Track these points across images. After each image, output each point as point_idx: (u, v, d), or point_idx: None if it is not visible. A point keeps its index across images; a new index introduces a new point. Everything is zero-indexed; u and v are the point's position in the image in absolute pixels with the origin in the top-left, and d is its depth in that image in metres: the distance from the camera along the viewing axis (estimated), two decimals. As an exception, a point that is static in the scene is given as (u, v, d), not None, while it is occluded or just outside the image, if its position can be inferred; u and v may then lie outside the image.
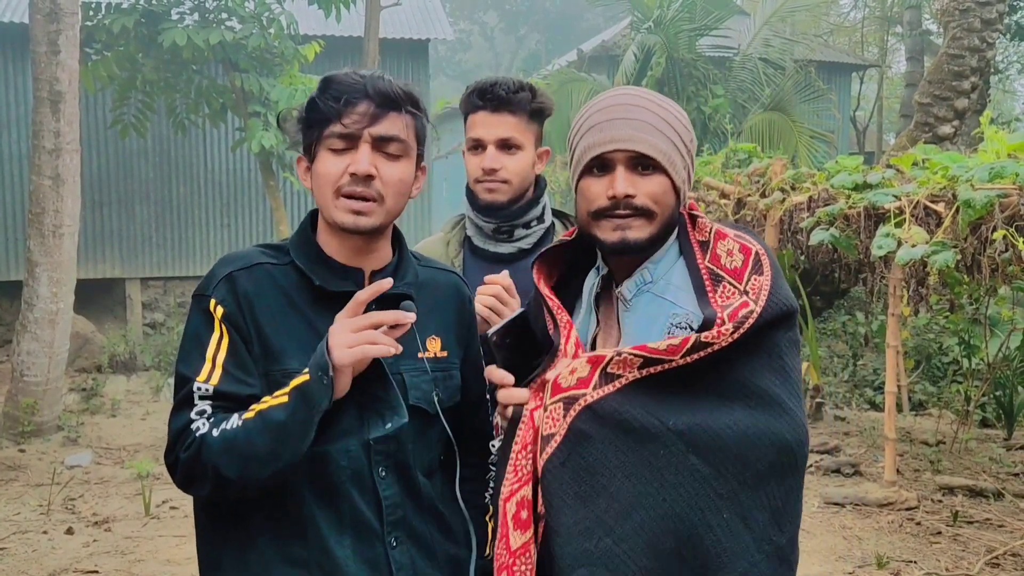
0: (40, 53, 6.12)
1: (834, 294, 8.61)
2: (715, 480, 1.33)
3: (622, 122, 1.42)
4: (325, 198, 1.40)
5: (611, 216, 1.42)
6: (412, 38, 11.78)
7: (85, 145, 8.54)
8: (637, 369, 1.37)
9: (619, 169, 1.42)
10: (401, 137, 1.41)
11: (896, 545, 4.31)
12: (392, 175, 1.40)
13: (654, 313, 1.46)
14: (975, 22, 7.98)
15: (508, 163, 1.90)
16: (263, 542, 1.39)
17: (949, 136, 8.15)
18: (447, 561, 1.51)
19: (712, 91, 11.26)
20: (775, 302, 1.39)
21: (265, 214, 11.18)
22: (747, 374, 1.37)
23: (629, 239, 1.42)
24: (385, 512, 1.42)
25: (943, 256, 3.74)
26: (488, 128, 1.89)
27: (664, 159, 1.42)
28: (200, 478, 1.33)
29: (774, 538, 1.37)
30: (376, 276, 1.46)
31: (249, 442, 1.29)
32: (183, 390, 1.37)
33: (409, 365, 1.46)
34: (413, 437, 1.46)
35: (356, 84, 1.39)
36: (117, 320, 10.89)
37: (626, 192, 1.40)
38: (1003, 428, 6.49)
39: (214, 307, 1.38)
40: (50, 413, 6.50)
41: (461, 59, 33.57)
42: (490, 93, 1.87)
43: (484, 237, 2.00)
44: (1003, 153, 3.93)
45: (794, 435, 1.38)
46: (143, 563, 4.21)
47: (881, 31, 19.96)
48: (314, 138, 1.41)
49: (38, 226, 6.26)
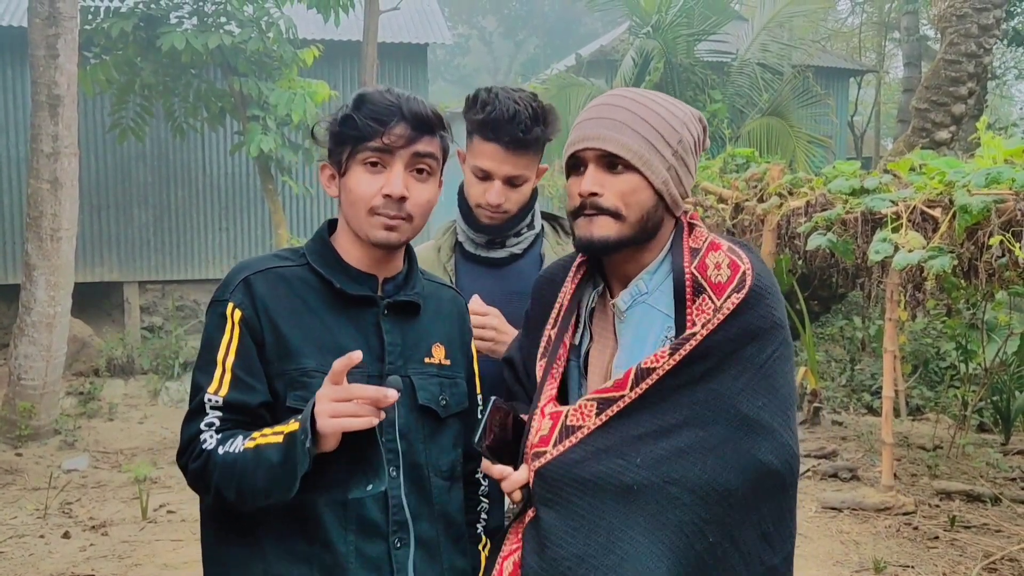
0: (38, 57, 6.12)
1: (831, 299, 8.62)
2: (698, 507, 1.32)
3: (595, 121, 1.43)
4: (358, 214, 1.45)
5: (582, 215, 1.43)
6: (410, 42, 11.78)
7: (83, 149, 8.52)
8: (595, 416, 1.38)
9: (589, 168, 1.43)
10: (435, 156, 1.46)
11: (893, 550, 4.31)
12: (422, 196, 1.46)
13: (648, 324, 1.45)
14: (972, 28, 8.01)
15: (513, 196, 1.91)
16: (267, 538, 1.41)
17: (946, 141, 8.17)
18: (452, 571, 1.52)
19: (710, 96, 11.28)
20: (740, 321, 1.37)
21: (264, 218, 11.17)
22: (728, 395, 1.35)
23: (594, 237, 1.42)
24: (391, 512, 1.43)
25: (940, 261, 3.74)
26: (499, 164, 1.86)
27: (635, 158, 1.40)
28: (205, 489, 1.39)
29: (765, 559, 1.36)
30: (388, 283, 1.53)
31: (245, 474, 1.33)
32: (196, 399, 1.42)
33: (416, 368, 1.51)
34: (423, 437, 1.49)
35: (392, 105, 1.42)
36: (115, 324, 10.88)
37: (591, 190, 1.41)
38: (1000, 433, 6.50)
39: (231, 311, 1.43)
40: (47, 417, 6.49)
41: (460, 63, 33.58)
42: (507, 134, 1.82)
43: (475, 245, 2.01)
44: (1000, 158, 3.94)
45: (781, 458, 1.36)
46: (140, 567, 4.20)
47: (879, 36, 20.01)
48: (347, 152, 1.45)
49: (36, 230, 6.25)
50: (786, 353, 1.42)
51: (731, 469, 1.33)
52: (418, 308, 1.54)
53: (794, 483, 1.41)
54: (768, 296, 1.41)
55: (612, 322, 1.51)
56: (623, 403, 1.37)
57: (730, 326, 1.37)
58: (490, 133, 1.83)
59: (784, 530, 1.39)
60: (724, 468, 1.33)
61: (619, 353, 1.47)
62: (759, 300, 1.39)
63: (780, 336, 1.41)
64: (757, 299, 1.39)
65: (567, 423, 1.40)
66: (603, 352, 1.51)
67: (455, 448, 1.55)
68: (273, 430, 1.35)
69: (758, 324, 1.38)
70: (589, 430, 1.38)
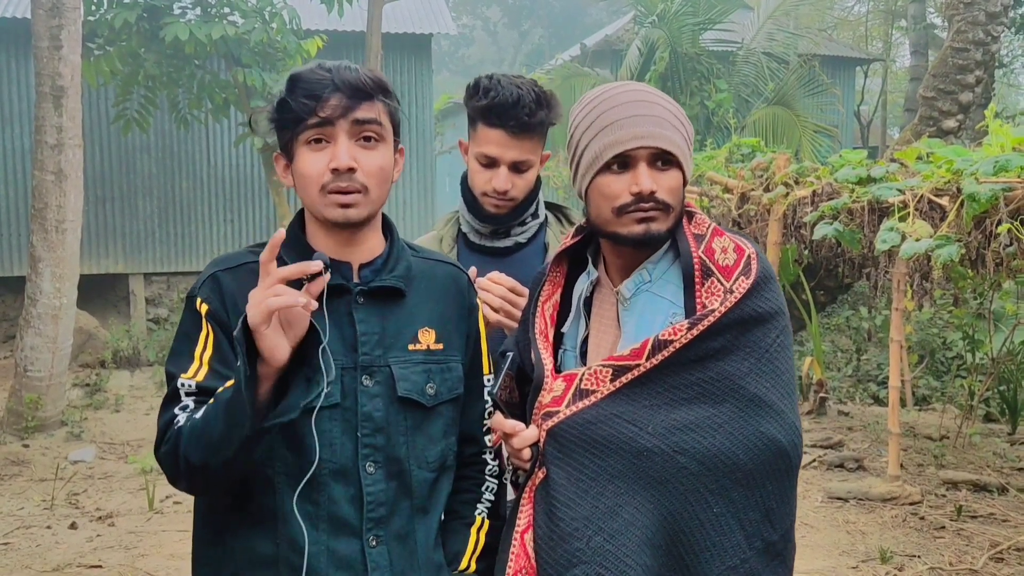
0: (42, 48, 6.11)
1: (838, 289, 8.59)
2: (705, 477, 1.35)
3: (642, 119, 1.44)
4: (311, 196, 1.40)
5: (635, 211, 1.44)
6: (415, 32, 11.75)
7: (87, 140, 8.55)
8: (610, 381, 1.41)
9: (641, 165, 1.44)
10: (379, 120, 1.41)
11: (900, 540, 4.30)
12: (372, 163, 1.40)
13: (653, 312, 1.47)
14: (980, 16, 7.95)
15: (519, 182, 1.89)
16: (237, 540, 1.39)
17: (953, 130, 8.13)
18: (430, 566, 1.47)
19: (716, 85, 11.24)
20: (750, 304, 1.41)
21: (268, 209, 11.18)
22: (737, 376, 1.39)
23: (653, 231, 1.45)
24: (366, 509, 1.39)
25: (947, 250, 3.72)
26: (504, 149, 1.85)
27: (682, 155, 1.45)
28: (176, 470, 1.34)
29: (766, 535, 1.39)
30: (364, 269, 1.47)
31: (207, 426, 1.29)
32: (170, 387, 1.39)
33: (398, 357, 1.44)
34: (405, 430, 1.43)
35: (324, 79, 1.37)
36: (120, 315, 10.91)
37: (651, 188, 1.43)
38: (1007, 423, 6.48)
39: (199, 304, 1.40)
40: (54, 408, 6.51)
41: (464, 54, 33.52)
42: (512, 118, 1.81)
43: (480, 235, 1.99)
44: (1008, 147, 3.91)
45: (787, 437, 1.40)
46: (147, 558, 4.22)
47: (885, 25, 19.90)
48: (289, 137, 1.40)
49: (41, 221, 6.26)
50: (787, 340, 1.46)
51: (739, 445, 1.36)
52: (401, 293, 1.47)
53: (798, 464, 1.44)
54: (772, 282, 1.46)
55: (615, 311, 1.52)
56: (638, 371, 1.39)
57: (742, 308, 1.41)
58: (494, 119, 1.82)
59: (785, 508, 1.42)
60: (732, 443, 1.36)
61: (622, 340, 1.48)
62: (765, 285, 1.44)
63: (782, 322, 1.45)
64: (764, 285, 1.43)
65: (581, 386, 1.42)
66: (604, 340, 1.52)
67: (445, 437, 1.49)
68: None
69: (764, 308, 1.42)
70: (603, 394, 1.41)
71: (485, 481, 1.58)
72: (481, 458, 1.58)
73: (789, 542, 1.44)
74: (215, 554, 1.41)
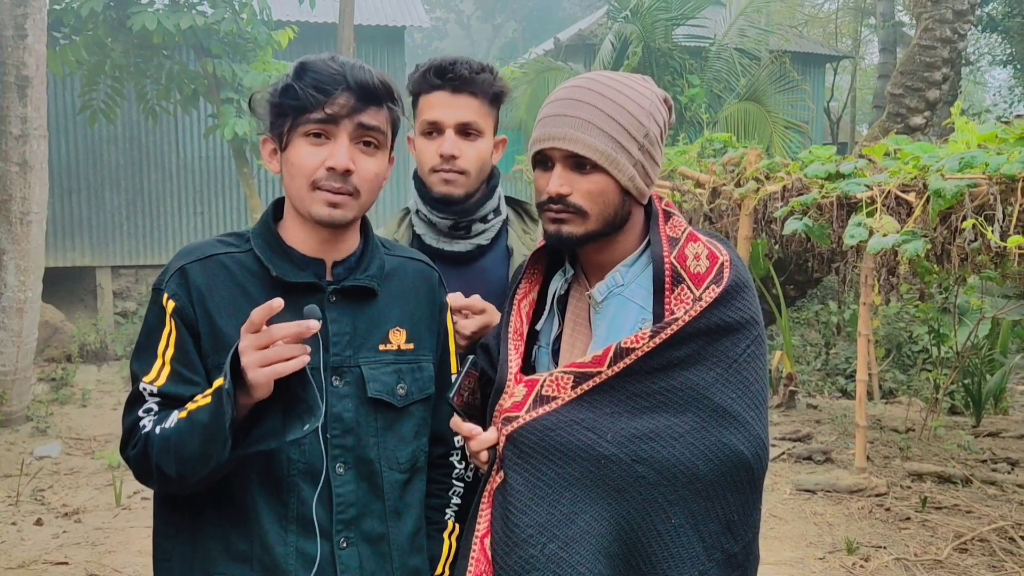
0: (6, 37, 6.00)
1: (807, 283, 8.68)
2: (663, 486, 1.34)
3: (563, 119, 1.40)
4: (299, 189, 1.36)
5: (547, 211, 1.43)
6: (387, 25, 11.69)
7: (53, 131, 8.39)
8: (571, 388, 1.39)
9: (556, 167, 1.41)
10: (382, 129, 1.38)
11: (866, 531, 4.36)
12: (369, 169, 1.37)
13: (624, 316, 1.45)
14: (947, 13, 8.05)
15: (467, 150, 1.75)
16: (210, 536, 1.37)
17: (921, 127, 8.23)
18: (405, 572, 1.45)
19: (688, 81, 11.29)
20: (718, 314, 1.38)
21: (239, 201, 11.07)
22: (703, 386, 1.37)
23: (564, 234, 1.43)
24: (336, 511, 1.37)
25: (913, 245, 3.77)
26: (447, 110, 1.72)
27: (603, 159, 1.38)
28: (148, 474, 1.34)
29: (726, 546, 1.37)
30: (337, 267, 1.44)
31: (181, 443, 1.27)
32: (134, 388, 1.37)
33: (368, 357, 1.42)
34: (375, 431, 1.42)
35: (336, 74, 1.34)
36: (87, 309, 10.74)
37: (558, 191, 1.40)
38: (971, 416, 6.59)
39: (166, 301, 1.37)
40: (19, 403, 6.41)
41: (437, 47, 33.34)
42: (451, 72, 1.71)
43: (437, 235, 1.83)
44: (973, 143, 3.97)
45: (751, 448, 1.37)
46: (114, 554, 4.17)
47: (855, 22, 20.11)
48: (287, 124, 1.36)
49: (5, 213, 6.15)
50: (759, 350, 1.42)
51: (699, 455, 1.34)
52: (373, 292, 1.44)
53: (762, 476, 1.41)
54: (745, 291, 1.42)
55: (587, 312, 1.51)
56: (599, 379, 1.38)
57: (708, 317, 1.38)
58: (434, 79, 1.73)
59: (747, 520, 1.40)
60: (692, 453, 1.34)
61: (593, 344, 1.47)
62: (737, 294, 1.40)
63: (754, 332, 1.42)
64: (735, 293, 1.40)
65: (542, 392, 1.40)
66: (576, 341, 1.51)
67: (417, 438, 1.48)
68: (203, 395, 1.29)
69: (734, 318, 1.39)
70: (563, 401, 1.39)
71: (452, 486, 1.58)
72: (448, 461, 1.58)
73: (751, 554, 1.42)
74: (185, 550, 1.39)
